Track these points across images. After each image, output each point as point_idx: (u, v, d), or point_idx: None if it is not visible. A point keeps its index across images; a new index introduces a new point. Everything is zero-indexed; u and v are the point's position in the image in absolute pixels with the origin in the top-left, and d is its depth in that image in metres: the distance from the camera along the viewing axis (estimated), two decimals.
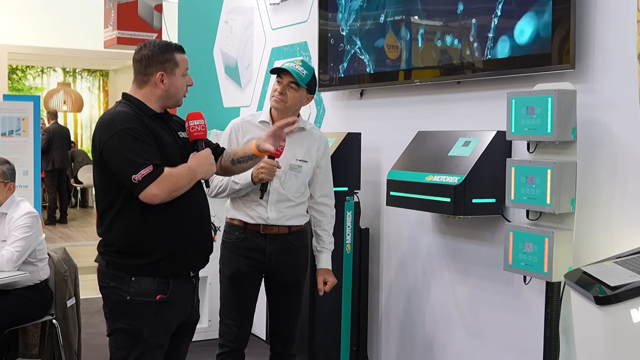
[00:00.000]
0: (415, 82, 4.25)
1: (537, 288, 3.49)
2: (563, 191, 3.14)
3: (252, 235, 3.67)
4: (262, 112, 3.79)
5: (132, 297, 2.91)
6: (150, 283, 2.92)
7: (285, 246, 3.70)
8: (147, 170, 2.79)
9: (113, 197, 2.91)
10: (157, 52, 2.95)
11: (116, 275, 2.93)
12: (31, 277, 4.29)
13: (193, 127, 3.07)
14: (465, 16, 3.87)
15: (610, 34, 3.20)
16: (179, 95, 3.03)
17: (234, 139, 3.73)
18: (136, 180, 2.79)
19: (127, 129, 2.83)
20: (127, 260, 2.92)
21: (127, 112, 2.90)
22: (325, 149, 3.83)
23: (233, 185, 3.63)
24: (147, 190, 2.80)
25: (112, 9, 10.78)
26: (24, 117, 7.33)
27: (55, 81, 17.38)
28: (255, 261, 3.68)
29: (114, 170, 2.85)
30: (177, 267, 3.00)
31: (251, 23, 6.23)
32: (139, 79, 2.99)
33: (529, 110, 3.23)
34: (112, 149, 2.84)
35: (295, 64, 3.64)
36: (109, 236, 2.96)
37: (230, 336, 3.72)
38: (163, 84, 2.96)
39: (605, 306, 2.46)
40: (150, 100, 2.98)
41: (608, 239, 3.17)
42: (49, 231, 11.34)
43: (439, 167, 3.79)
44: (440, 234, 4.19)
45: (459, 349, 4.06)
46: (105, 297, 3.00)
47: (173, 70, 2.97)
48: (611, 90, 3.20)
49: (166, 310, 2.97)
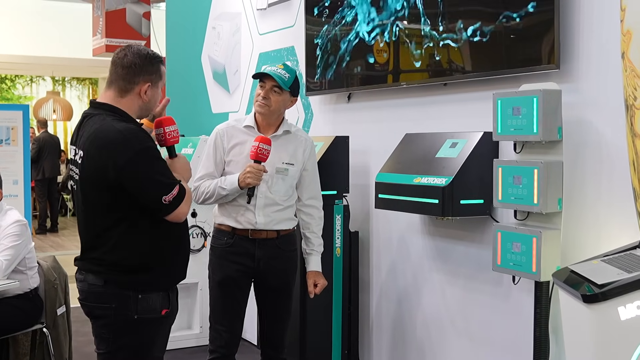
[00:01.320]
0: (402, 85, 4.26)
1: (526, 288, 3.49)
2: (550, 191, 3.15)
3: (241, 240, 3.67)
4: (247, 117, 3.79)
5: (140, 315, 2.84)
6: (156, 299, 2.88)
7: (274, 251, 3.69)
8: (176, 190, 2.79)
9: (119, 216, 2.81)
10: (147, 62, 2.87)
11: (119, 295, 2.83)
12: (21, 286, 4.27)
13: (169, 133, 2.98)
14: (451, 19, 3.88)
15: (595, 34, 3.21)
16: (154, 108, 2.99)
17: (219, 145, 3.73)
18: (167, 201, 2.76)
19: (148, 148, 2.77)
20: (134, 277, 2.84)
21: (136, 129, 2.82)
22: (312, 151, 3.83)
23: (220, 191, 3.63)
24: (179, 209, 2.81)
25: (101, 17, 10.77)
26: (13, 126, 7.30)
27: (45, 90, 17.35)
28: (244, 266, 3.68)
29: (136, 190, 2.76)
30: (178, 278, 3.01)
31: (238, 28, 6.23)
32: (121, 86, 2.87)
33: (514, 110, 3.24)
34: (135, 171, 2.74)
35: (277, 68, 3.65)
36: (114, 255, 2.84)
37: (220, 342, 3.71)
38: (146, 95, 2.89)
39: (593, 304, 2.46)
40: (131, 111, 2.89)
41: (595, 237, 3.18)
42: (39, 240, 11.30)
43: (426, 168, 3.79)
44: (429, 235, 4.19)
45: (450, 351, 4.06)
46: (101, 318, 2.89)
47: (157, 83, 2.92)
48: (596, 89, 3.21)
49: (168, 323, 2.98)
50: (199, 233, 5.70)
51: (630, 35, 3.03)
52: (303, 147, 3.77)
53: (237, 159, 3.68)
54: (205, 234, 5.70)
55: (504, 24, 3.57)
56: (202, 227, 5.70)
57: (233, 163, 3.69)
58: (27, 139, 7.36)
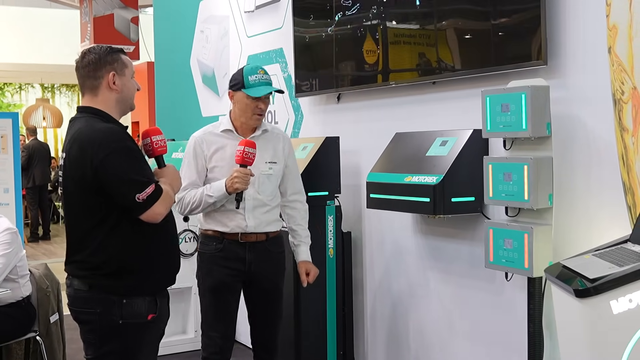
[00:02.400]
0: (391, 84, 4.27)
1: (519, 284, 3.50)
2: (540, 186, 3.16)
3: (231, 244, 3.64)
4: (222, 122, 3.75)
5: (125, 320, 2.82)
6: (141, 303, 2.85)
7: (264, 253, 3.68)
8: (150, 189, 2.76)
9: (101, 219, 2.80)
10: (103, 54, 2.86)
11: (104, 299, 2.82)
12: (13, 294, 4.24)
13: (157, 143, 2.98)
14: (439, 17, 3.89)
15: (581, 29, 3.22)
16: (132, 98, 2.96)
17: (199, 153, 3.69)
18: (140, 199, 2.74)
19: (124, 147, 2.77)
20: (118, 281, 2.82)
21: (115, 129, 2.81)
22: (290, 146, 3.82)
23: (207, 199, 3.58)
24: (153, 209, 2.77)
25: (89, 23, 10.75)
26: (3, 134, 7.26)
27: (34, 97, 17.30)
28: (235, 270, 3.66)
29: (111, 190, 2.75)
30: (164, 283, 2.98)
31: (227, 31, 6.22)
32: (90, 85, 2.87)
33: (503, 107, 3.24)
34: (111, 169, 2.73)
35: (263, 74, 3.64)
36: (96, 258, 2.83)
37: (214, 348, 3.68)
38: (115, 85, 2.87)
39: (585, 299, 2.47)
40: (110, 108, 2.88)
41: (586, 232, 3.19)
42: (32, 248, 11.26)
43: (417, 167, 3.80)
44: (421, 234, 4.19)
45: (445, 348, 4.06)
46: (87, 323, 2.87)
47: (123, 71, 2.89)
48: (584, 84, 3.22)
49: (156, 328, 2.95)
50: (192, 237, 5.68)
51: (616, 30, 3.04)
52: (282, 143, 3.76)
53: (220, 164, 3.64)
54: (198, 238, 5.68)
55: (492, 21, 3.58)
56: (194, 232, 5.68)
57: (217, 169, 3.65)
58: (17, 147, 7.32)
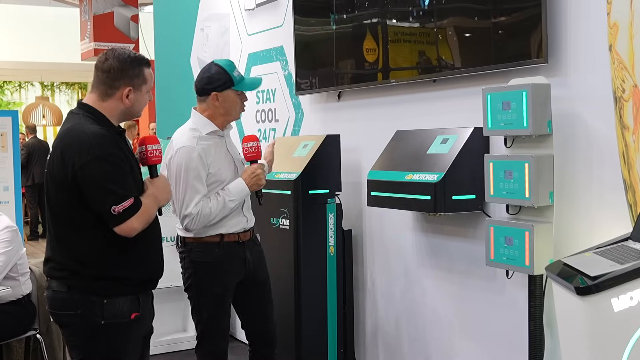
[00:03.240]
0: (392, 82, 4.26)
1: (520, 282, 3.50)
2: (541, 184, 3.15)
3: (231, 247, 3.62)
4: (200, 125, 3.64)
5: (107, 321, 2.79)
6: (123, 303, 2.82)
7: (255, 248, 3.76)
8: (128, 202, 2.72)
9: (82, 218, 2.77)
10: (127, 66, 2.83)
11: (84, 300, 2.78)
12: (13, 292, 4.25)
13: (152, 152, 2.97)
14: (439, 15, 3.88)
15: (582, 27, 3.22)
16: (140, 111, 2.96)
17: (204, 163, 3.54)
18: (116, 212, 2.70)
19: (107, 154, 2.72)
20: (98, 282, 2.79)
21: (103, 134, 2.76)
22: None
23: (229, 205, 3.54)
24: (127, 223, 2.73)
25: (88, 21, 10.74)
26: (3, 132, 7.25)
27: (34, 95, 17.28)
28: (238, 273, 3.67)
29: (88, 196, 2.73)
30: (146, 282, 2.95)
31: (227, 29, 6.22)
32: (103, 90, 2.85)
33: (504, 105, 3.24)
34: (90, 175, 2.70)
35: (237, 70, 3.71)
36: (73, 261, 2.80)
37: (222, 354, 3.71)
38: (128, 99, 2.85)
39: (587, 296, 2.47)
40: (112, 114, 2.86)
41: (587, 230, 3.19)
42: (32, 246, 11.24)
43: (418, 165, 3.80)
44: (422, 232, 4.19)
45: (446, 346, 4.06)
46: (69, 325, 2.84)
47: (140, 87, 2.88)
48: (585, 82, 3.22)
49: (139, 326, 2.92)
50: None
51: (617, 28, 3.04)
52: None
53: (220, 164, 3.60)
54: None
55: (493, 19, 3.57)
56: None
57: (220, 170, 3.59)
58: (16, 145, 7.31)
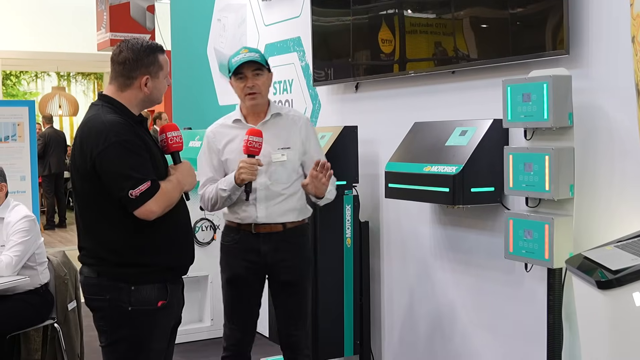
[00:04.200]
0: (410, 73, 4.24)
1: (539, 275, 3.47)
2: (561, 177, 3.13)
3: (246, 236, 3.59)
4: (234, 112, 3.70)
5: (134, 307, 2.84)
6: (150, 290, 2.87)
7: (280, 244, 3.58)
8: (145, 185, 2.74)
9: (107, 207, 2.81)
10: (142, 55, 2.87)
11: (113, 287, 2.84)
12: (31, 282, 4.27)
13: (172, 139, 3.00)
14: (458, 6, 3.85)
15: (605, 18, 3.18)
16: (160, 97, 2.98)
17: (212, 147, 3.65)
18: (134, 195, 2.73)
19: (123, 141, 2.76)
20: (126, 269, 2.84)
21: (120, 122, 2.80)
22: (307, 128, 3.68)
23: (221, 193, 3.52)
24: (145, 206, 2.75)
25: (105, 11, 10.75)
26: (20, 122, 7.29)
27: (50, 85, 17.35)
28: (251, 263, 3.59)
29: (108, 183, 2.77)
30: (175, 271, 2.98)
31: (244, 20, 6.20)
32: (121, 82, 2.89)
33: (524, 97, 3.21)
34: (107, 161, 2.75)
35: (244, 54, 3.56)
36: (101, 248, 2.86)
37: (232, 340, 3.67)
38: (147, 87, 2.89)
39: (608, 290, 2.44)
40: (131, 104, 2.90)
41: (608, 223, 3.16)
42: (48, 236, 11.32)
43: (436, 157, 3.77)
44: (439, 224, 4.17)
45: (463, 340, 4.05)
46: (99, 310, 2.90)
47: (157, 74, 2.91)
48: (606, 74, 3.18)
49: (166, 315, 2.94)
50: (209, 226, 5.69)
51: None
52: (297, 126, 3.64)
53: (232, 156, 3.58)
54: (215, 227, 5.69)
55: (513, 9, 3.54)
56: (211, 220, 5.69)
57: (229, 161, 3.59)
58: (33, 135, 7.36)
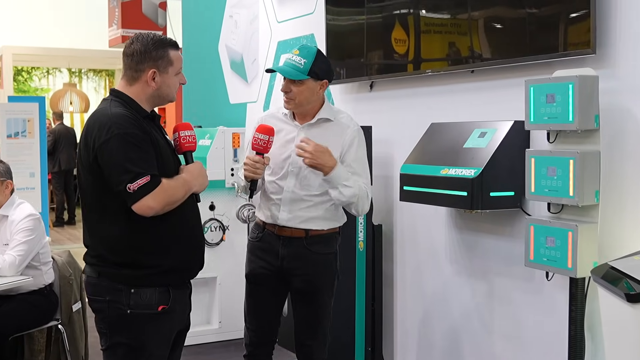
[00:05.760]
0: (427, 72, 4.12)
1: (559, 284, 3.35)
2: (586, 182, 3.01)
3: (268, 235, 3.48)
4: None
5: (133, 310, 2.76)
6: (151, 294, 2.79)
7: (300, 250, 3.42)
8: (144, 180, 2.67)
9: (109, 203, 2.75)
10: (150, 48, 2.81)
11: (112, 288, 2.77)
12: (35, 282, 4.19)
13: (184, 138, 2.95)
14: (475, 5, 3.73)
15: (633, 17, 3.06)
16: (171, 94, 2.91)
17: None
18: (131, 189, 2.66)
19: (126, 134, 2.69)
20: (125, 271, 2.77)
21: (125, 115, 2.75)
22: (352, 138, 3.43)
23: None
24: (143, 201, 2.68)
25: (116, 8, 10.69)
26: (30, 118, 7.27)
27: (61, 82, 17.34)
28: (268, 263, 3.48)
29: (108, 175, 2.71)
30: (178, 275, 2.89)
31: (256, 16, 6.11)
32: (129, 75, 2.85)
33: (548, 98, 3.09)
34: (107, 153, 2.69)
35: (292, 55, 3.38)
36: (103, 246, 2.80)
37: (247, 339, 3.59)
38: (155, 82, 2.83)
39: (637, 304, 2.33)
40: (141, 98, 2.84)
41: (635, 231, 3.04)
42: (57, 233, 11.28)
43: (454, 159, 3.65)
44: (456, 229, 4.05)
45: (479, 348, 3.93)
46: (99, 312, 2.84)
47: (166, 69, 2.84)
48: (635, 75, 3.06)
49: (168, 320, 2.85)
50: (217, 226, 5.57)
51: None
52: (342, 136, 3.43)
53: (274, 150, 3.41)
54: (224, 227, 5.58)
55: (537, 8, 3.42)
56: (220, 220, 5.57)
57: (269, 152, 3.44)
58: (43, 131, 7.33)
